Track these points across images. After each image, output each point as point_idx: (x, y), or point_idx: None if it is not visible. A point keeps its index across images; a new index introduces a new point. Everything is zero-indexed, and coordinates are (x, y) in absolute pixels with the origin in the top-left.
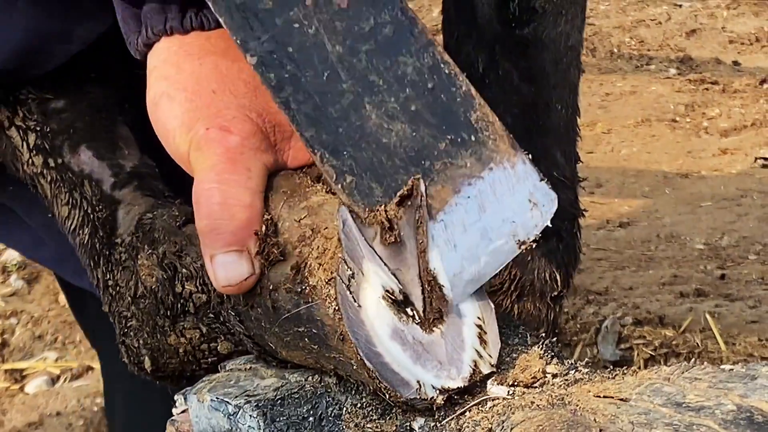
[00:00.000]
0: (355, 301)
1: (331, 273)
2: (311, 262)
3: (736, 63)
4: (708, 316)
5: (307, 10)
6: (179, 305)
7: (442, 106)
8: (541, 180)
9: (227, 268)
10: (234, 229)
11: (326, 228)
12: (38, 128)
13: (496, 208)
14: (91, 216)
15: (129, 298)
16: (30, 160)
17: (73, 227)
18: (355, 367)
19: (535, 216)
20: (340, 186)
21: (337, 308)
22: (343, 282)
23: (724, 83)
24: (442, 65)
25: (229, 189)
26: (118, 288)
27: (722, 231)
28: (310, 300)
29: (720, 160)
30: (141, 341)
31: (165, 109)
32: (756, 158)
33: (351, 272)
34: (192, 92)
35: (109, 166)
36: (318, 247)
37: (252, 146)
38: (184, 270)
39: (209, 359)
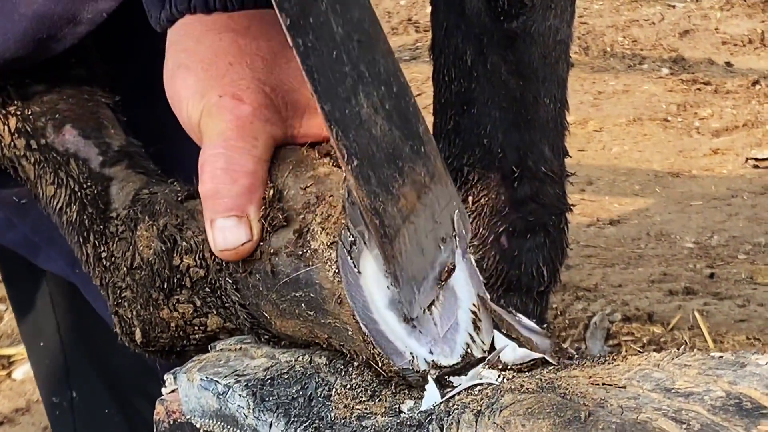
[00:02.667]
0: (355, 266)
1: (334, 237)
2: (314, 227)
3: (728, 64)
4: (697, 314)
5: None
6: (175, 279)
7: (403, 112)
8: (462, 205)
9: (226, 233)
10: (235, 194)
11: (331, 196)
12: (18, 112)
13: (441, 220)
14: (79, 193)
15: (125, 269)
16: (12, 144)
17: (59, 206)
18: (350, 333)
19: (460, 239)
20: (349, 167)
21: (337, 271)
22: (344, 247)
23: (717, 84)
24: (399, 73)
25: (233, 155)
26: (113, 259)
27: (712, 230)
28: (310, 264)
29: (711, 160)
30: (134, 313)
31: (180, 79)
32: (747, 159)
33: (353, 239)
34: (208, 63)
35: (95, 144)
36: (322, 213)
37: (262, 117)
38: (184, 243)
39: (198, 335)
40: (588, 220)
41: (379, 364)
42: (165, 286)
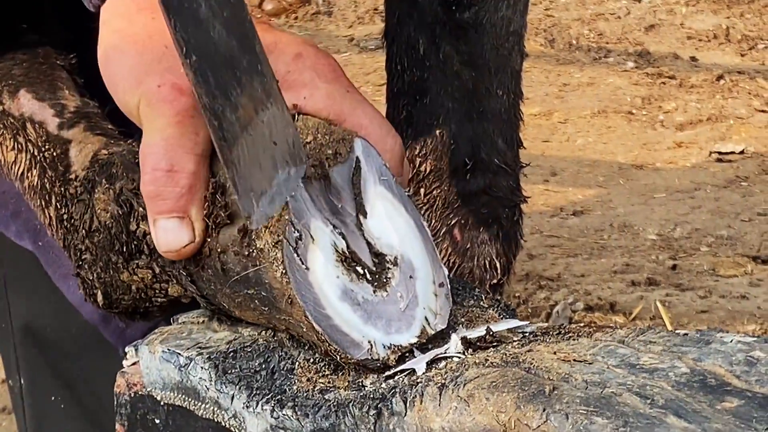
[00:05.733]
0: (303, 263)
1: (278, 236)
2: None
3: (693, 59)
4: (659, 305)
5: None
6: (133, 245)
7: (240, 24)
8: (297, 134)
9: (167, 234)
10: (176, 195)
11: None
12: None
13: (278, 141)
14: (38, 157)
15: (83, 231)
16: None
17: (20, 171)
18: (305, 330)
19: (296, 167)
20: (188, 61)
21: (284, 272)
22: (290, 245)
23: (681, 78)
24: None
25: (174, 156)
26: (72, 221)
27: (675, 222)
28: (257, 263)
29: (675, 153)
30: (95, 275)
31: (115, 62)
32: (710, 152)
33: (298, 234)
34: (143, 46)
35: (50, 106)
36: None
37: None
38: (140, 209)
39: (159, 299)
40: (551, 211)
41: (338, 358)
42: (124, 250)
